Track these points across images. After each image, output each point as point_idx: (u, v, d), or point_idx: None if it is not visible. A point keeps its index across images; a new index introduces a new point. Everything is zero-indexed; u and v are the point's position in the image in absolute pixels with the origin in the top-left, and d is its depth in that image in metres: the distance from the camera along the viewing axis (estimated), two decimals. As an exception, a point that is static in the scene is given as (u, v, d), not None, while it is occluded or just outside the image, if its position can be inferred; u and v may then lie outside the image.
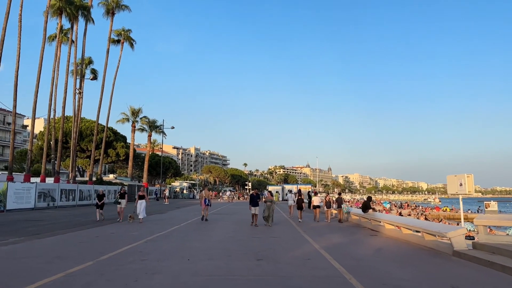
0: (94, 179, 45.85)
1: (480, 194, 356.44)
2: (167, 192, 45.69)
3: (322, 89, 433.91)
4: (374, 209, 16.33)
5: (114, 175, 58.07)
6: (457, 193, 10.37)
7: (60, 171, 66.01)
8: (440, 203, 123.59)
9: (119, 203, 18.56)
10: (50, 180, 36.51)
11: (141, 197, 18.02)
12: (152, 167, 69.98)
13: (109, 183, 44.50)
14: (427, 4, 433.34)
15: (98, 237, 12.74)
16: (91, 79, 38.21)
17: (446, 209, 70.73)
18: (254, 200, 17.47)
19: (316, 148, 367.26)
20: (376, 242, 12.11)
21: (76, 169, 64.11)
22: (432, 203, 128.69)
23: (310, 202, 22.90)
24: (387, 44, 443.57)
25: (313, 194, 24.34)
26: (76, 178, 47.59)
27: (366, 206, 16.78)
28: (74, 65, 42.18)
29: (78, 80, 42.44)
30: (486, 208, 9.89)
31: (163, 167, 70.51)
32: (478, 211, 67.17)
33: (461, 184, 10.06)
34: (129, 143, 58.55)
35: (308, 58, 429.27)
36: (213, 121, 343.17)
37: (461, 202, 10.51)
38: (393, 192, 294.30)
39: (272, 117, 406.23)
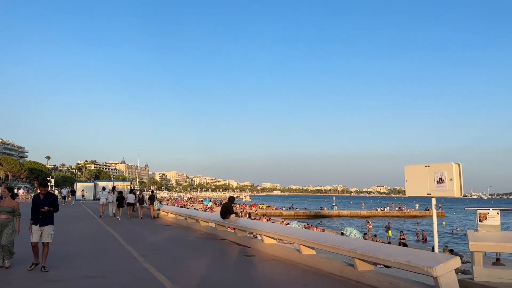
0: None
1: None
2: None
3: (140, 85, 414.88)
4: (237, 214, 11.55)
5: None
6: (429, 195, 5.99)
7: None
8: (250, 200, 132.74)
9: None
10: None
11: None
12: None
13: None
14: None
15: None
16: None
17: (262, 206, 73.74)
18: (37, 214, 7.26)
19: (133, 144, 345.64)
20: (274, 274, 7.29)
21: None
22: (243, 200, 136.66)
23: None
24: (205, 36, 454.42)
25: (130, 192, 24.46)
26: None
27: (227, 209, 11.67)
28: None
29: None
30: (480, 220, 5.26)
31: None
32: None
33: (441, 181, 6.04)
34: None
35: (127, 53, 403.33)
36: (11, 108, 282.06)
37: (434, 208, 6.39)
38: (207, 190, 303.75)
39: (84, 109, 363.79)
